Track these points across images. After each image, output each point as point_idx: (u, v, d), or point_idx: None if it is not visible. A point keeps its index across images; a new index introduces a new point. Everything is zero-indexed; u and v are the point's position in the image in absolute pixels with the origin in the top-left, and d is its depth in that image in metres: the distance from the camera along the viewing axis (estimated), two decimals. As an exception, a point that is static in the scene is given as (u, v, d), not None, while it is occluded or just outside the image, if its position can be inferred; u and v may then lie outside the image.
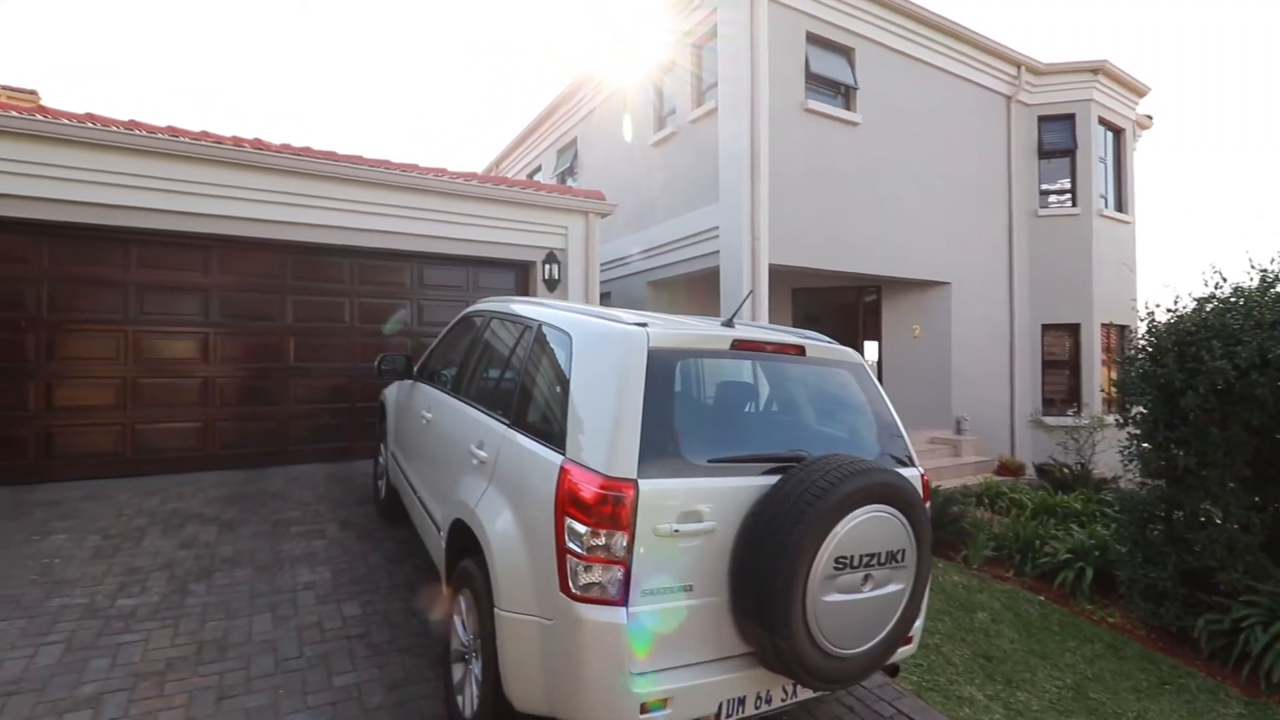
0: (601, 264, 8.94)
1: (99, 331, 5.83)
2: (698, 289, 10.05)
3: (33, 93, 12.96)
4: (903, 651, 2.58)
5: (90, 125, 5.31)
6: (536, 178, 14.85)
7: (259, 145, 6.08)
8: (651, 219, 9.92)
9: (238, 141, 6.01)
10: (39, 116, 5.17)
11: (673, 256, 9.48)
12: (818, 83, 8.81)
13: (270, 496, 5.52)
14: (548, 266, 7.82)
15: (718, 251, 8.42)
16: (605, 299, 10.22)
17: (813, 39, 8.68)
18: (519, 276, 8.03)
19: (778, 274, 8.67)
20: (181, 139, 5.70)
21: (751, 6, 7.93)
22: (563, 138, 13.49)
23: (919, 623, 2.62)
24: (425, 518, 3.58)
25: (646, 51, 10.19)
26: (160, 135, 5.61)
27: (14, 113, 5.12)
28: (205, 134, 5.92)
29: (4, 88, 12.96)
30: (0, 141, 5.08)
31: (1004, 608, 5.04)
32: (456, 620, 2.77)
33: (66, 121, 5.22)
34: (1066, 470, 9.16)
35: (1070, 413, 10.48)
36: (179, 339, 6.18)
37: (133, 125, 5.57)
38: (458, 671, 2.73)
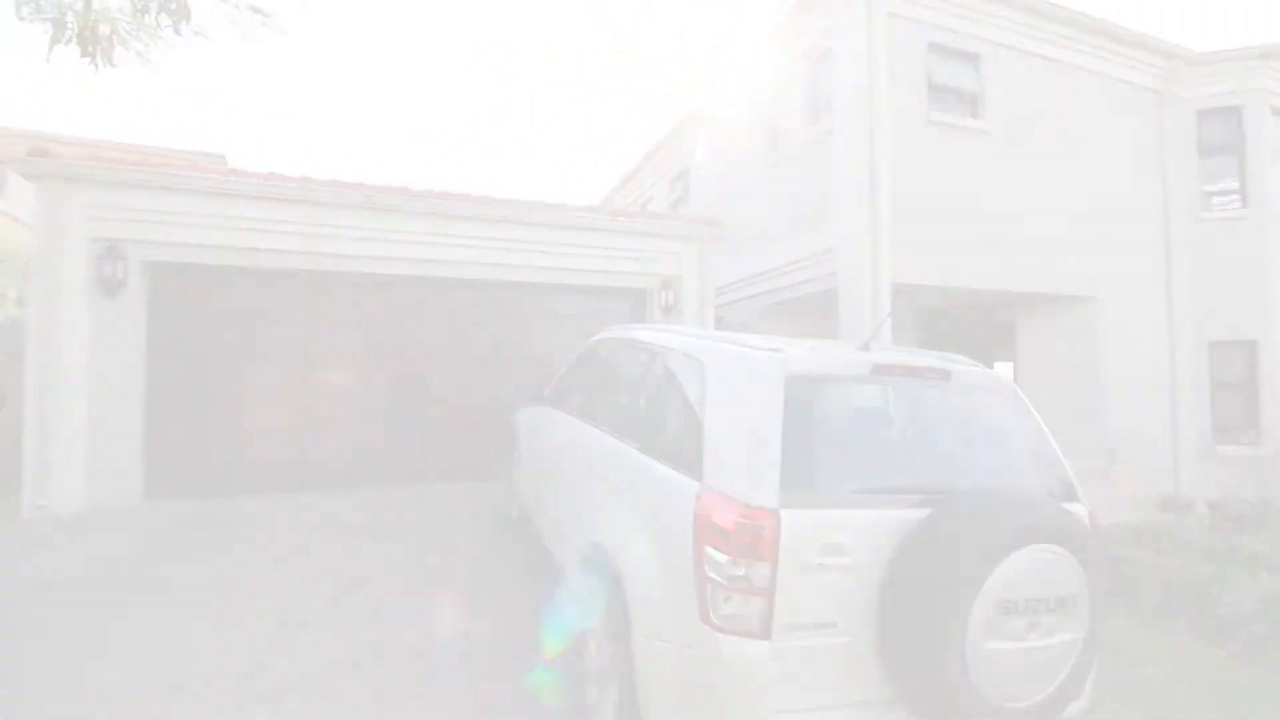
0: (715, 288, 8.97)
1: (276, 362, 6.58)
2: (813, 311, 9.81)
3: (221, 156, 14.91)
4: (1073, 708, 2.36)
5: (272, 182, 6.07)
6: (650, 208, 15.20)
7: (407, 193, 6.69)
8: (764, 242, 9.84)
9: (388, 190, 6.65)
10: (233, 177, 5.99)
11: (787, 279, 9.35)
12: (941, 92, 8.45)
13: (415, 513, 5.94)
14: (663, 293, 7.97)
15: (835, 273, 8.21)
16: (718, 323, 10.21)
17: (934, 48, 8.35)
18: (635, 303, 8.23)
19: (899, 293, 8.30)
20: (342, 189, 6.39)
21: (869, 23, 7.77)
22: (673, 168, 13.76)
23: (1091, 676, 2.39)
24: (558, 539, 3.71)
25: (755, 78, 10.23)
26: (327, 188, 6.33)
27: (213, 175, 5.97)
28: (361, 184, 6.60)
29: (196, 152, 15.04)
30: (203, 200, 5.94)
31: (1178, 663, 4.47)
32: (591, 643, 2.83)
33: (254, 180, 6.02)
34: (1248, 508, 8.02)
35: (1247, 441, 9.20)
36: (340, 368, 6.87)
37: (306, 181, 6.32)
38: (592, 694, 2.78)
